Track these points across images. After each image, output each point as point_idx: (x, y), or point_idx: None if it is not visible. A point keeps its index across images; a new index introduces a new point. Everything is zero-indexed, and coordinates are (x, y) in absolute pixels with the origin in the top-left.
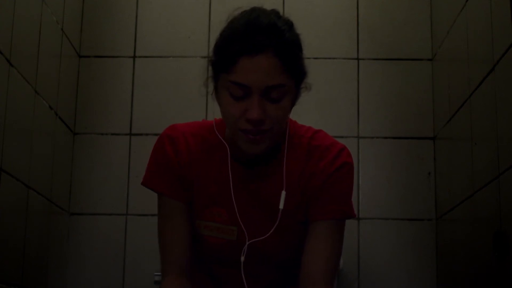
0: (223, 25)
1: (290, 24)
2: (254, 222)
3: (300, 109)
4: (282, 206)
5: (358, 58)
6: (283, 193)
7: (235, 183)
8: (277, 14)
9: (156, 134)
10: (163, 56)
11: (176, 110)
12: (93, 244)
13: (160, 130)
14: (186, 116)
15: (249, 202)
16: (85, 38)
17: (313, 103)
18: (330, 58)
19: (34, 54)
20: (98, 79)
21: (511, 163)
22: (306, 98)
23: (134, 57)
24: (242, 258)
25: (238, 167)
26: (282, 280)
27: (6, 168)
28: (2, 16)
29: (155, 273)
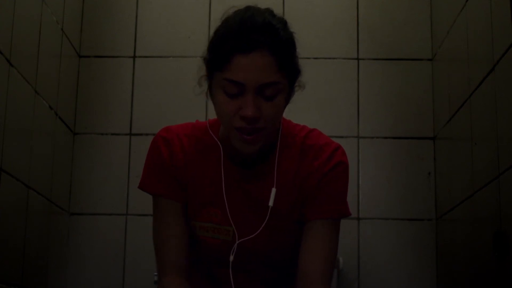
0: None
1: (284, 22)
2: (248, 222)
3: (300, 109)
4: (271, 204)
5: (358, 58)
6: (273, 190)
7: (229, 183)
8: (271, 13)
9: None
10: (163, 56)
11: (176, 110)
12: (93, 244)
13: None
14: (186, 116)
15: (244, 202)
16: (85, 38)
17: (313, 103)
18: (330, 58)
19: (34, 54)
20: (98, 79)
21: (511, 163)
22: (306, 98)
23: (134, 57)
24: (231, 258)
25: (232, 167)
26: (279, 280)
27: (6, 168)
28: (2, 16)
29: (155, 273)
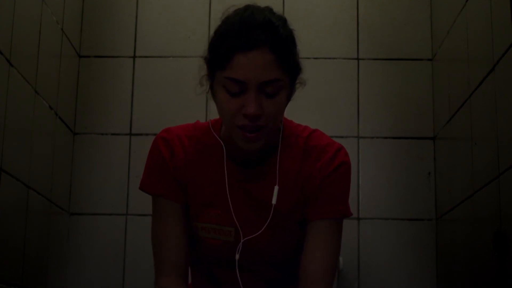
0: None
1: (283, 20)
2: (250, 222)
3: (300, 108)
4: (274, 201)
5: (358, 58)
6: (276, 188)
7: (231, 183)
8: (270, 11)
9: (156, 134)
10: (163, 56)
11: (176, 110)
12: (93, 244)
13: (160, 130)
14: (186, 116)
15: (245, 201)
16: (85, 38)
17: (313, 103)
18: (330, 58)
19: (34, 54)
20: (98, 79)
21: (511, 163)
22: (306, 97)
23: (134, 57)
24: (237, 256)
25: (234, 167)
26: (281, 280)
27: (6, 168)
28: (2, 16)
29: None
